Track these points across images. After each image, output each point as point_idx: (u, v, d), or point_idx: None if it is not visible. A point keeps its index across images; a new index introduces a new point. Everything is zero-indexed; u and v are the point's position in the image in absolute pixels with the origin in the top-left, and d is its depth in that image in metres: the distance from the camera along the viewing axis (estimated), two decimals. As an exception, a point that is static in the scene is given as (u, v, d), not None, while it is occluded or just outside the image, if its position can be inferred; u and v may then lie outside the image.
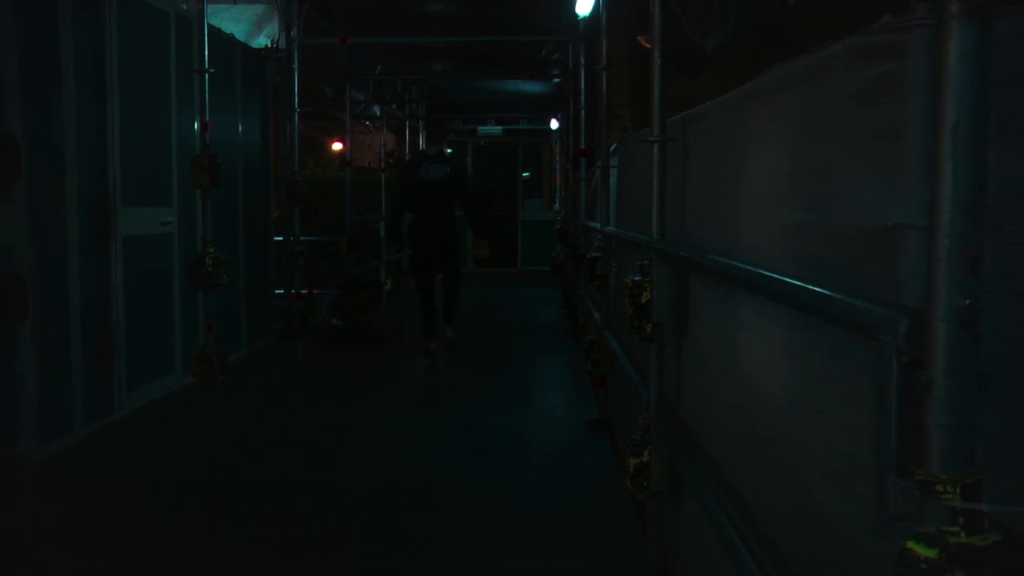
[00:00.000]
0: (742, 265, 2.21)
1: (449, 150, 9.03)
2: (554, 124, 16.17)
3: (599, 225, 6.25)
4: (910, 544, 1.16)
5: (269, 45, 8.91)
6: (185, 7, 7.20)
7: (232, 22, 8.87)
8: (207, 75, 6.04)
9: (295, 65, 8.32)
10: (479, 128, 18.76)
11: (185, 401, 6.46)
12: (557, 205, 16.54)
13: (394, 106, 14.61)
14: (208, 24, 6.14)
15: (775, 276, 1.89)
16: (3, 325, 3.62)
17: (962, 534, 1.15)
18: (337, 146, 16.29)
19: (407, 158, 12.95)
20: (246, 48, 8.40)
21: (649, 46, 7.49)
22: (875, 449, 1.40)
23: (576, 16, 7.76)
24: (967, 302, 1.15)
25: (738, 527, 2.27)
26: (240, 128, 8.13)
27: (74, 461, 5.14)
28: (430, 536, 4.17)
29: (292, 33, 8.29)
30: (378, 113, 14.34)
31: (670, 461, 3.27)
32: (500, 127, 18.62)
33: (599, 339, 6.13)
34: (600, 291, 6.16)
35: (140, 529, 4.17)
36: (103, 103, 5.74)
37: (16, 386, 4.78)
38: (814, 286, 1.63)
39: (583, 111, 8.13)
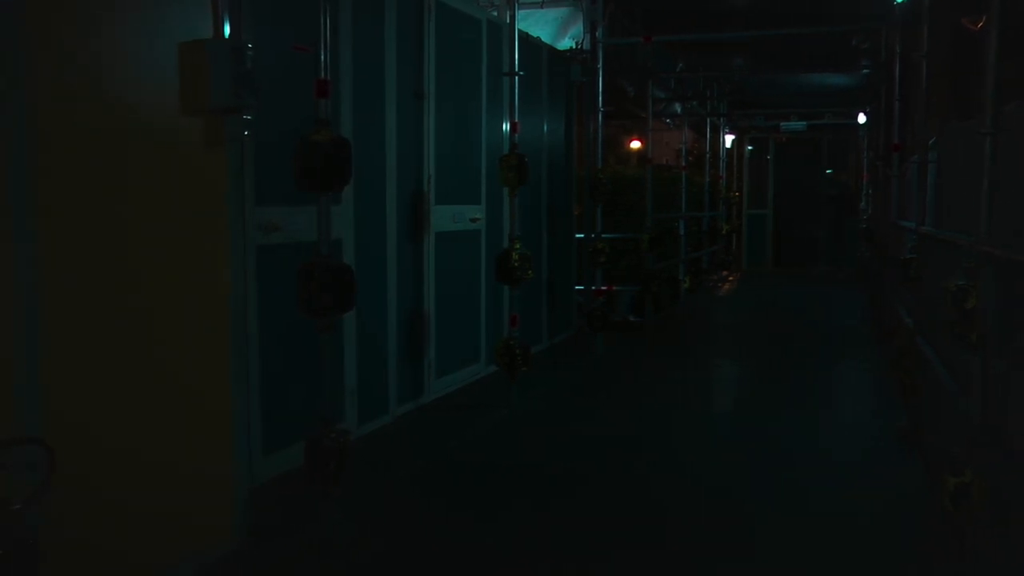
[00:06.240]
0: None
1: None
2: (861, 118, 15.40)
3: (913, 224, 5.89)
4: None
5: (574, 47, 9.11)
6: (495, 14, 7.52)
7: (538, 26, 9.15)
8: (516, 77, 6.27)
9: (599, 65, 8.45)
10: (781, 124, 18.21)
11: (488, 390, 6.76)
12: (863, 203, 15.76)
13: (695, 103, 14.49)
14: (517, 29, 6.37)
15: None
16: (335, 312, 3.94)
17: None
18: (635, 144, 16.39)
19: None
20: (551, 50, 8.65)
21: (974, 28, 6.94)
22: None
23: (892, 1, 7.34)
24: None
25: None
26: (545, 128, 8.37)
27: (389, 441, 5.52)
28: (725, 540, 4.11)
29: (597, 33, 8.43)
30: (679, 111, 14.29)
31: (995, 482, 3.02)
32: (803, 122, 17.97)
33: (910, 345, 5.77)
34: (912, 294, 5.80)
35: (446, 507, 4.41)
36: (420, 106, 6.10)
37: (341, 368, 5.21)
38: None
39: (897, 103, 7.68)
